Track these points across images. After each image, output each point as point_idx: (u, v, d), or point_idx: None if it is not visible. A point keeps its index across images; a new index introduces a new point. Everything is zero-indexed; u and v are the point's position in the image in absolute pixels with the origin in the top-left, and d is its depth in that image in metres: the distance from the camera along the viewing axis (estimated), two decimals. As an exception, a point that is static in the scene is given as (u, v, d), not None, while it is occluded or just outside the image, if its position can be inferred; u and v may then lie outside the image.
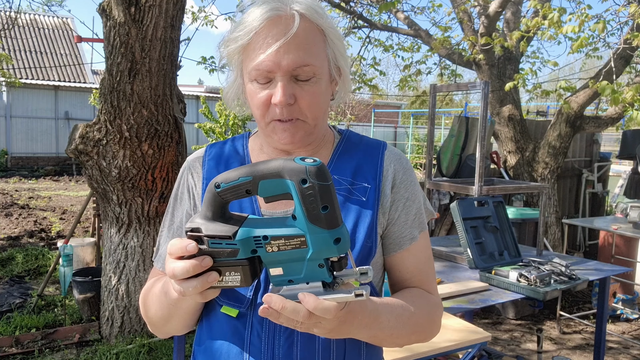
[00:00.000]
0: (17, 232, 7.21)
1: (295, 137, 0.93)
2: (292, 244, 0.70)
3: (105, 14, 3.33)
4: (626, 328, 4.56)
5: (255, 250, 0.72)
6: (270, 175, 0.69)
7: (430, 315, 0.98)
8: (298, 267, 0.72)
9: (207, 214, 0.74)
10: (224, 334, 0.95)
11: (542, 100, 11.46)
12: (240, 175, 0.71)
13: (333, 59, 0.95)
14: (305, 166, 0.67)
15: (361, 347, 0.96)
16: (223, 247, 0.72)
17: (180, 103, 3.80)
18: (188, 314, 0.94)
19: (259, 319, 0.92)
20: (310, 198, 0.67)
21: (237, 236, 0.72)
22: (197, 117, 16.75)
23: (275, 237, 0.71)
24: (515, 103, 5.69)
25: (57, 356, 3.59)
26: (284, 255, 0.71)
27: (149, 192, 3.66)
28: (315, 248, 0.69)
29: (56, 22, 19.97)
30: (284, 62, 0.87)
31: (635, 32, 3.94)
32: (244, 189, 0.71)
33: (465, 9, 5.68)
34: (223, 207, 0.74)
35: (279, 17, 0.88)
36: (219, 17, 6.87)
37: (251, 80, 0.92)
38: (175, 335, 1.05)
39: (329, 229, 0.68)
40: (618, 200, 7.29)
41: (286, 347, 0.91)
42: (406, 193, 1.01)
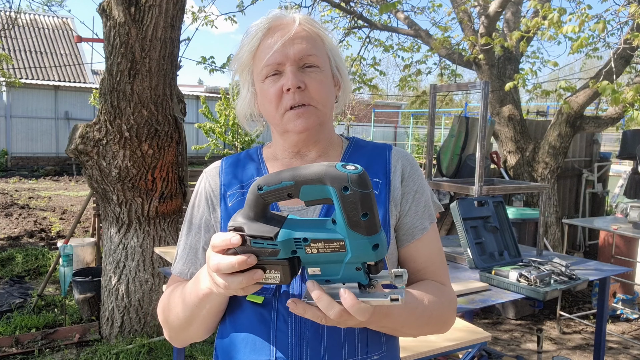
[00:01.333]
0: (17, 232, 7.21)
1: (309, 122, 0.98)
2: (332, 247, 0.72)
3: (105, 14, 3.33)
4: (626, 328, 4.56)
5: (295, 251, 0.74)
6: (312, 181, 0.71)
7: (443, 307, 1.00)
8: (335, 269, 0.74)
9: (250, 214, 0.76)
10: (250, 323, 0.97)
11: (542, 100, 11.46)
12: (283, 179, 0.73)
13: (333, 60, 1.05)
14: (347, 174, 0.69)
15: (382, 334, 0.99)
16: (264, 247, 0.74)
17: (180, 103, 3.80)
18: (211, 314, 0.95)
19: (284, 305, 0.94)
20: (351, 205, 0.69)
21: (279, 237, 0.74)
22: (197, 117, 16.76)
23: (315, 240, 0.73)
24: (515, 103, 5.69)
25: (57, 356, 3.59)
26: (323, 257, 0.73)
27: (149, 192, 3.66)
28: (354, 253, 0.71)
29: (56, 22, 19.96)
30: (291, 52, 0.97)
31: (635, 32, 3.94)
32: (286, 192, 0.73)
33: (465, 9, 5.68)
34: (264, 207, 0.76)
35: (281, 22, 1.00)
36: (219, 17, 6.87)
37: (262, 80, 1.00)
38: (193, 341, 1.06)
39: (368, 236, 0.70)
40: (618, 200, 7.29)
41: (313, 331, 0.93)
42: (414, 186, 1.06)
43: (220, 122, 9.63)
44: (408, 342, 1.83)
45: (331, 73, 1.04)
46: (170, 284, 1.07)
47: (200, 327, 0.98)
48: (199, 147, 10.97)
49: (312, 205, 0.75)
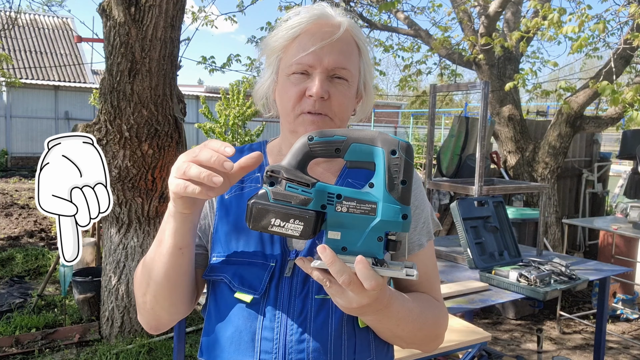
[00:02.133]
0: (17, 232, 7.21)
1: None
2: (362, 208, 0.73)
3: (105, 14, 3.33)
4: (626, 328, 4.56)
5: (325, 205, 0.74)
6: (364, 140, 0.73)
7: (437, 319, 0.99)
8: (357, 236, 0.74)
9: (292, 161, 0.76)
10: (236, 322, 0.95)
11: (542, 100, 11.46)
12: (336, 133, 0.74)
13: (363, 74, 1.03)
14: (398, 140, 0.73)
15: (370, 340, 0.98)
16: (298, 193, 0.74)
17: (180, 103, 3.80)
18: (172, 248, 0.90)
19: (272, 307, 0.93)
20: (395, 169, 0.72)
21: (315, 186, 0.74)
22: (197, 117, 16.76)
23: (348, 198, 0.73)
24: (515, 103, 5.69)
25: (57, 356, 3.59)
26: (350, 219, 0.73)
27: (149, 192, 3.66)
28: (383, 217, 0.72)
29: (56, 22, 19.96)
30: (326, 60, 0.95)
31: (635, 32, 3.94)
32: (335, 147, 0.74)
33: (465, 9, 5.68)
34: (307, 160, 0.76)
35: (327, 22, 0.97)
36: (219, 17, 6.88)
37: (289, 74, 0.97)
38: (163, 319, 1.01)
39: (402, 204, 0.72)
40: (618, 200, 7.29)
41: (298, 335, 0.92)
42: (415, 201, 1.04)
43: (220, 122, 9.63)
44: (408, 342, 1.82)
45: (356, 89, 1.02)
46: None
47: (164, 268, 0.91)
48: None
49: (352, 167, 0.76)
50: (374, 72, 1.09)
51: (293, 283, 0.94)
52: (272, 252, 0.96)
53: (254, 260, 0.96)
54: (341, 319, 0.94)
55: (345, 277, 0.73)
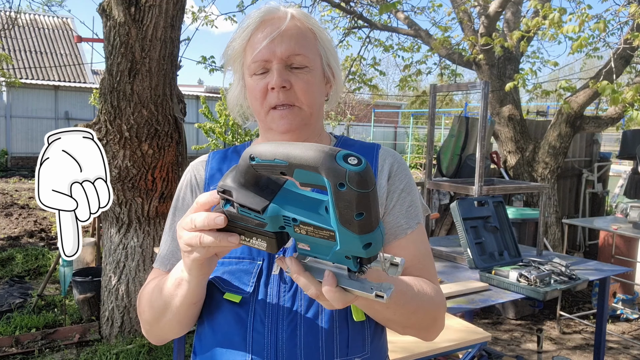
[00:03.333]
0: (17, 232, 7.21)
1: (293, 123, 0.98)
2: (321, 234, 0.67)
3: (105, 14, 3.33)
4: (626, 328, 4.56)
5: (283, 226, 0.70)
6: (307, 167, 0.64)
7: (433, 302, 0.96)
8: (325, 251, 0.69)
9: (240, 180, 0.71)
10: (227, 323, 0.95)
11: (542, 100, 11.46)
12: (276, 157, 0.66)
13: (325, 57, 1.03)
14: (347, 170, 0.61)
15: (365, 335, 0.96)
16: (251, 217, 0.71)
17: (180, 103, 3.80)
18: (185, 305, 0.91)
19: (262, 305, 0.93)
20: (345, 204, 0.62)
21: (267, 212, 0.69)
22: (197, 117, 16.76)
23: (304, 223, 0.68)
24: (515, 103, 5.69)
25: (57, 356, 3.59)
26: (312, 240, 0.69)
27: (149, 192, 3.66)
28: (342, 247, 0.66)
29: (56, 22, 19.97)
30: (278, 50, 0.95)
31: (635, 32, 3.94)
32: (279, 170, 0.67)
33: (465, 9, 5.68)
34: (257, 177, 0.71)
35: (273, 17, 0.98)
36: (219, 17, 6.87)
37: (250, 75, 0.99)
38: (169, 338, 1.03)
39: (360, 234, 0.64)
40: (618, 200, 7.30)
41: (289, 331, 0.92)
42: (401, 185, 1.04)
43: (220, 122, 9.63)
44: (408, 342, 1.83)
45: (322, 71, 1.02)
46: (150, 278, 1.05)
47: (174, 319, 0.95)
48: (199, 147, 10.96)
49: (306, 187, 0.69)
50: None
51: (282, 281, 0.94)
52: (258, 251, 0.96)
53: (241, 259, 0.96)
54: (332, 313, 0.93)
55: (312, 290, 0.72)
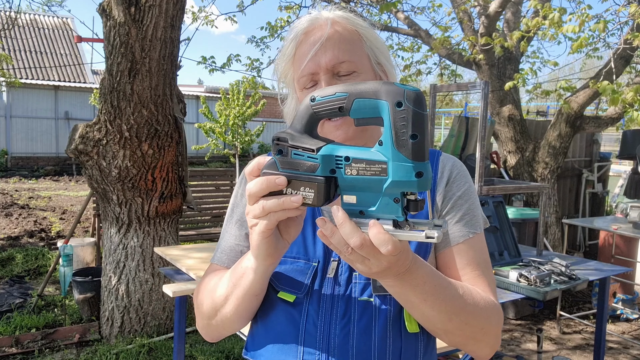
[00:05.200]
0: (17, 232, 7.21)
1: (348, 133, 0.95)
2: (372, 169, 0.67)
3: (105, 14, 3.33)
4: (626, 328, 4.56)
5: (334, 170, 0.70)
6: (366, 94, 0.67)
7: (483, 311, 0.90)
8: (372, 198, 0.69)
9: (297, 126, 0.73)
10: (279, 323, 0.95)
11: (542, 100, 11.46)
12: (338, 90, 0.69)
13: (374, 57, 1.00)
14: (404, 89, 0.65)
15: (418, 348, 0.94)
16: (304, 160, 0.71)
17: (180, 103, 3.80)
18: (248, 294, 0.90)
19: (315, 308, 0.93)
20: (402, 122, 0.65)
21: (320, 151, 0.70)
22: (197, 117, 16.76)
23: (357, 160, 0.68)
24: (515, 103, 5.69)
25: (57, 356, 3.59)
26: (362, 182, 0.68)
27: (149, 192, 3.66)
28: (395, 177, 0.66)
29: (56, 22, 19.96)
30: (323, 61, 0.94)
31: (635, 32, 3.94)
32: (338, 105, 0.69)
33: (465, 9, 5.68)
34: (314, 123, 0.73)
35: (315, 27, 0.97)
36: (219, 17, 6.88)
37: (301, 89, 0.99)
38: (226, 332, 1.03)
39: (413, 160, 0.65)
40: (618, 200, 7.30)
41: (342, 336, 0.91)
42: (458, 191, 1.01)
43: (220, 122, 9.62)
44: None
45: (372, 72, 0.99)
46: (208, 272, 1.05)
47: (235, 312, 0.93)
48: (199, 147, 10.97)
49: (361, 125, 0.70)
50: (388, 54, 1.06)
51: (336, 284, 0.94)
52: (314, 252, 0.96)
53: (296, 260, 0.97)
54: (386, 323, 0.92)
55: (355, 239, 0.68)
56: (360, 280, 0.94)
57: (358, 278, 0.94)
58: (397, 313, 0.93)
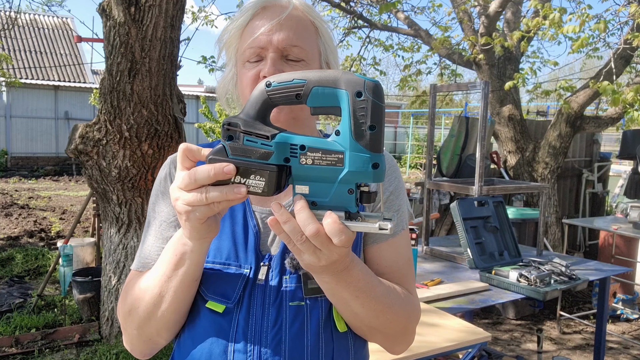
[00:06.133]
0: (17, 232, 7.21)
1: (280, 115, 0.91)
2: (329, 159, 0.67)
3: (105, 14, 3.33)
4: (626, 328, 4.56)
5: (288, 159, 0.68)
6: (325, 83, 0.66)
7: (405, 310, 0.93)
8: (326, 189, 0.68)
9: (250, 112, 0.70)
10: (207, 332, 0.91)
11: (542, 100, 11.46)
12: (295, 77, 0.68)
13: (324, 53, 0.98)
14: (364, 80, 0.65)
15: (349, 346, 0.94)
16: (257, 147, 0.68)
17: (180, 103, 3.80)
18: (185, 285, 0.86)
19: (245, 316, 0.89)
20: (361, 113, 0.65)
21: (275, 138, 0.68)
22: (197, 117, 16.76)
23: (312, 149, 0.67)
24: (515, 103, 5.69)
25: (57, 356, 3.59)
26: (316, 171, 0.68)
27: (149, 192, 3.65)
28: (351, 167, 0.66)
29: (56, 22, 19.97)
30: (275, 39, 0.91)
31: (635, 32, 3.94)
32: (295, 92, 0.68)
33: (465, 9, 5.68)
34: (267, 109, 0.70)
35: (275, 4, 0.94)
36: (219, 17, 6.88)
37: (244, 62, 0.94)
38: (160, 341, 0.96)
39: (371, 151, 0.65)
40: (618, 200, 7.30)
41: (274, 345, 0.88)
42: (390, 187, 1.00)
43: (220, 122, 9.63)
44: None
45: (319, 68, 0.97)
46: (129, 280, 0.98)
47: (170, 309, 0.88)
48: (199, 147, 10.96)
49: (318, 114, 0.69)
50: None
51: (266, 290, 0.90)
52: (245, 257, 0.92)
53: (226, 266, 0.92)
54: (318, 326, 0.90)
55: (311, 227, 0.67)
56: (291, 284, 0.90)
57: (288, 282, 0.90)
58: (327, 314, 0.91)
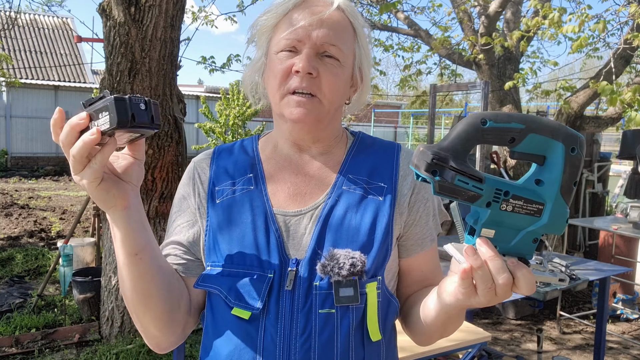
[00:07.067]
0: (17, 232, 7.21)
1: (308, 116, 0.89)
2: (529, 209, 0.66)
3: (105, 14, 3.33)
4: (626, 328, 4.56)
5: (490, 203, 0.66)
6: (544, 131, 0.65)
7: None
8: (512, 235, 0.68)
9: (458, 146, 0.65)
10: (234, 339, 0.89)
11: (542, 100, 11.46)
12: (514, 120, 0.65)
13: (358, 57, 0.96)
14: (579, 136, 0.65)
15: (381, 354, 0.93)
16: (468, 188, 0.65)
17: (180, 103, 3.80)
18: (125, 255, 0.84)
19: (273, 323, 0.87)
20: (573, 169, 0.65)
21: (486, 182, 0.65)
22: (197, 117, 16.76)
23: (516, 197, 0.66)
24: (515, 103, 5.69)
25: (57, 356, 3.59)
26: (512, 218, 0.67)
27: (149, 192, 3.66)
28: (550, 221, 0.66)
29: (56, 22, 19.97)
30: (314, 34, 0.88)
31: (635, 32, 3.94)
32: (510, 135, 0.65)
33: (465, 9, 5.68)
34: (474, 145, 0.67)
35: (319, 0, 0.91)
36: (219, 17, 6.87)
37: (277, 51, 0.91)
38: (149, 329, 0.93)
39: (568, 206, 0.66)
40: (618, 200, 7.30)
41: (302, 352, 0.86)
42: (426, 194, 0.99)
43: (220, 122, 9.63)
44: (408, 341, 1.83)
45: (351, 72, 0.95)
46: None
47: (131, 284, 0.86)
48: (199, 147, 10.98)
49: (519, 159, 0.67)
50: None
51: (295, 297, 0.88)
52: (269, 261, 0.89)
53: (250, 271, 0.89)
54: (348, 334, 0.88)
55: (506, 275, 0.66)
56: (321, 291, 0.87)
57: (318, 289, 0.88)
58: (359, 323, 0.89)
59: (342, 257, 0.86)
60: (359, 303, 0.87)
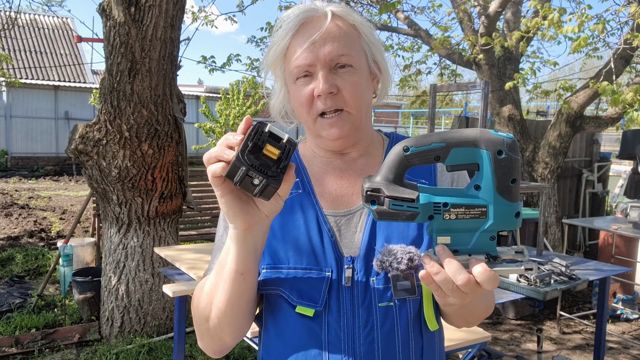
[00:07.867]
0: (17, 232, 7.21)
1: (343, 130, 0.94)
2: (472, 213, 0.71)
3: (105, 14, 3.33)
4: (626, 328, 4.56)
5: (432, 216, 0.72)
6: (465, 144, 0.71)
7: (491, 299, 1.04)
8: (468, 238, 0.73)
9: (389, 176, 0.73)
10: (299, 336, 0.93)
11: (542, 100, 11.46)
12: (433, 141, 0.71)
13: (370, 53, 0.98)
14: (503, 138, 0.70)
15: (436, 344, 0.98)
16: (403, 210, 0.72)
17: (180, 103, 3.80)
18: (233, 272, 0.85)
19: (335, 318, 0.91)
20: (504, 170, 0.69)
21: (419, 200, 0.72)
22: (197, 117, 16.76)
23: (455, 205, 0.72)
24: (515, 103, 5.69)
25: (57, 356, 3.59)
26: (460, 224, 0.72)
27: (149, 192, 3.66)
28: (496, 219, 0.71)
29: (56, 22, 19.96)
30: (322, 53, 0.91)
31: (635, 32, 3.94)
32: (434, 155, 0.72)
33: (465, 9, 5.68)
34: (404, 171, 0.74)
35: (312, 18, 0.94)
36: (219, 17, 6.87)
37: (294, 80, 0.95)
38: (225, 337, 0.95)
39: (513, 202, 0.71)
40: (618, 200, 7.30)
41: (367, 344, 0.91)
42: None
43: (220, 122, 9.64)
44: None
45: (368, 69, 0.98)
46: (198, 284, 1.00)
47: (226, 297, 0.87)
48: (199, 147, 10.98)
49: (454, 170, 0.73)
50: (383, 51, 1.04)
51: (354, 293, 0.92)
52: (325, 260, 0.94)
53: (307, 270, 0.93)
54: (407, 325, 0.93)
55: (463, 276, 0.71)
56: (379, 285, 0.92)
57: (376, 284, 0.92)
58: (416, 314, 0.94)
59: (400, 252, 0.90)
60: (416, 295, 0.92)
